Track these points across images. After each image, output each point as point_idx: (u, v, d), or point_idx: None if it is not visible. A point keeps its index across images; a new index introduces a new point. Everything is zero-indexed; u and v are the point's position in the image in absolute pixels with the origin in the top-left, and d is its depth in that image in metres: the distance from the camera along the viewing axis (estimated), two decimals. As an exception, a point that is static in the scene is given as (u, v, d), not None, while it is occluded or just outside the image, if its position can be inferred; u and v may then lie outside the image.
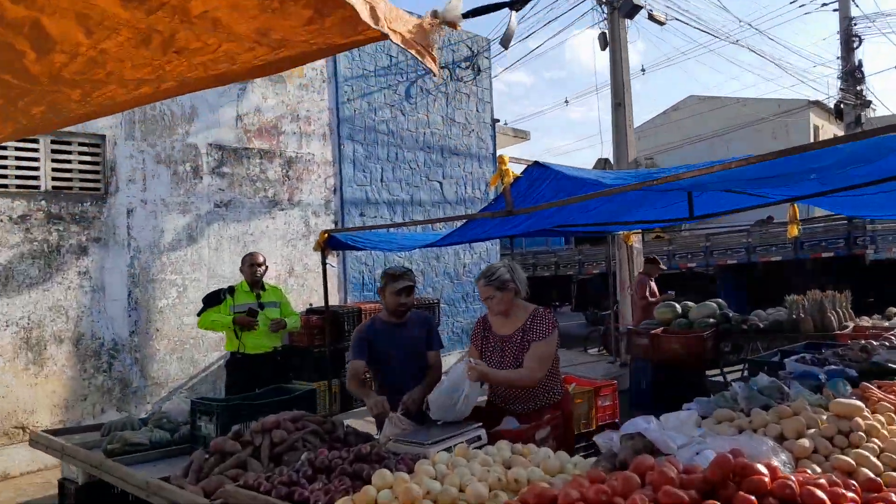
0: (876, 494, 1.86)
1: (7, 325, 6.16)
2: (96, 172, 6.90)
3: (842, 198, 5.40)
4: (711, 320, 7.31)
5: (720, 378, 7.82)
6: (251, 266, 5.76)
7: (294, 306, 8.34)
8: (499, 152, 11.51)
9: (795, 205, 6.83)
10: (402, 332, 4.06)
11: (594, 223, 6.11)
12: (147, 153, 7.20)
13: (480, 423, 3.24)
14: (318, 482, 2.76)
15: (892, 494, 1.84)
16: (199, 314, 5.68)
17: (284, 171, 8.41)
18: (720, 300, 7.78)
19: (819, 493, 1.75)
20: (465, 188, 10.79)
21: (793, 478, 1.87)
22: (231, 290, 5.71)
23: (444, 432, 3.13)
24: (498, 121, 11.85)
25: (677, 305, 7.80)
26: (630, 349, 7.62)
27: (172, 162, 7.39)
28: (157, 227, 7.24)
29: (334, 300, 8.80)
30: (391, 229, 7.45)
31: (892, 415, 2.46)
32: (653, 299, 8.35)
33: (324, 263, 6.48)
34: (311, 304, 8.42)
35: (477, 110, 11.11)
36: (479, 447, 2.98)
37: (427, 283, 10.10)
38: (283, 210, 8.37)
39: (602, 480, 2.18)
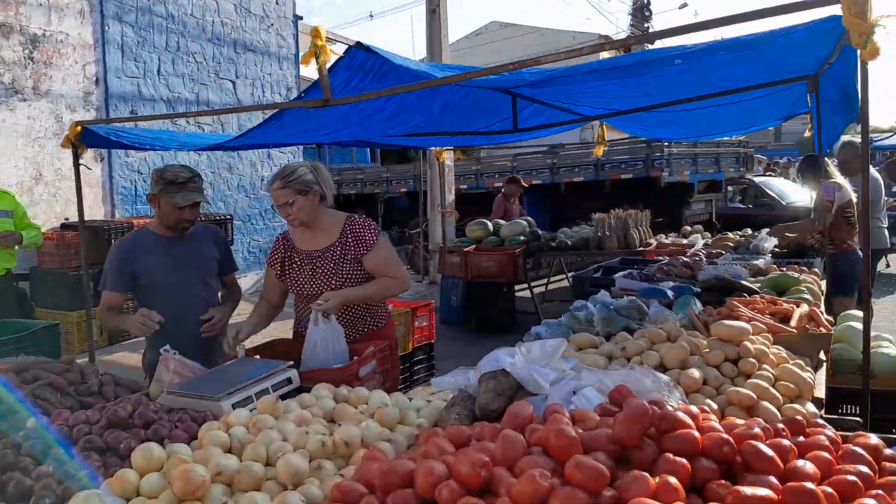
0: (804, 439, 1.49)
1: None
2: None
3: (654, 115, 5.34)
4: (522, 238, 7.17)
5: (526, 294, 7.83)
6: None
7: (44, 220, 6.79)
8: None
9: (604, 124, 6.79)
10: (185, 248, 3.12)
11: (417, 132, 5.47)
12: None
13: (291, 362, 2.52)
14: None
15: (821, 436, 1.48)
16: None
17: (27, 51, 6.61)
18: (529, 218, 7.66)
19: (764, 448, 1.32)
20: (264, 91, 9.54)
21: (720, 428, 1.44)
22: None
23: (241, 376, 2.37)
24: (301, 18, 10.58)
25: (489, 223, 7.56)
26: (442, 267, 7.27)
27: None
28: None
29: (99, 213, 7.33)
30: (171, 127, 6.19)
31: (769, 335, 2.19)
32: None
33: (76, 166, 5.15)
34: (66, 219, 6.90)
35: (276, 2, 9.76)
36: (291, 395, 2.28)
37: (217, 197, 8.86)
38: (25, 101, 6.62)
39: (467, 440, 1.60)
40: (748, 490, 1.21)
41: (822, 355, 2.35)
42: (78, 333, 6.27)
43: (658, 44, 7.90)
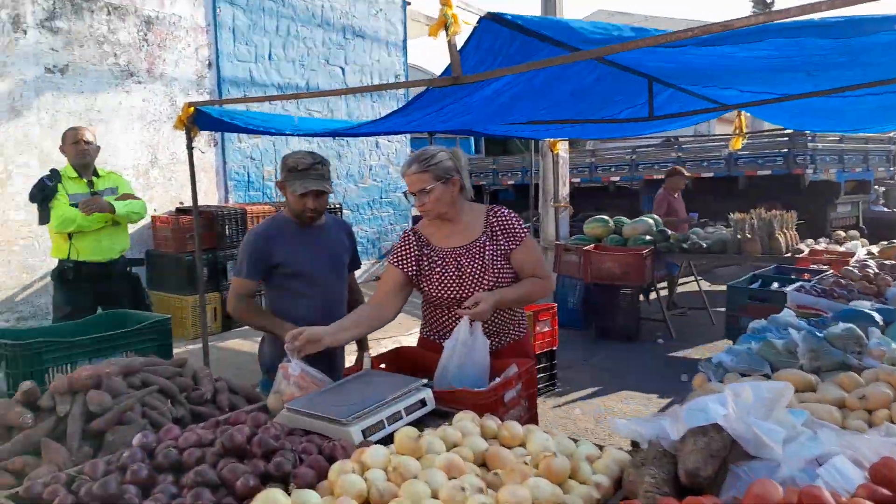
0: None
1: None
2: None
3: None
4: (647, 237, 6.56)
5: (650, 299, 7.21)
6: (75, 143, 4.20)
7: (159, 204, 6.81)
8: (410, 43, 10.05)
9: (742, 113, 6.06)
10: (322, 237, 2.87)
11: (541, 120, 4.99)
12: (-59, -14, 5.24)
13: (424, 380, 2.14)
14: (160, 491, 1.59)
15: None
16: (43, 218, 4.13)
17: (142, 33, 6.61)
18: (654, 216, 7.02)
19: None
20: (372, 78, 9.31)
21: None
22: (55, 174, 4.17)
23: (370, 395, 2.01)
24: (409, 3, 10.29)
25: (610, 220, 6.99)
26: (558, 266, 6.76)
27: (-19, 4, 5.47)
28: (-40, 92, 5.39)
29: (213, 199, 7.31)
30: (286, 110, 6.01)
31: None
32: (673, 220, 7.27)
33: (190, 148, 5.01)
34: (181, 203, 6.90)
35: (385, -14, 9.50)
36: (426, 419, 1.90)
37: (323, 185, 8.72)
38: (140, 83, 6.63)
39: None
40: None
41: None
42: (193, 318, 6.24)
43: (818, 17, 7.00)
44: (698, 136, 12.97)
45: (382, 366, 2.55)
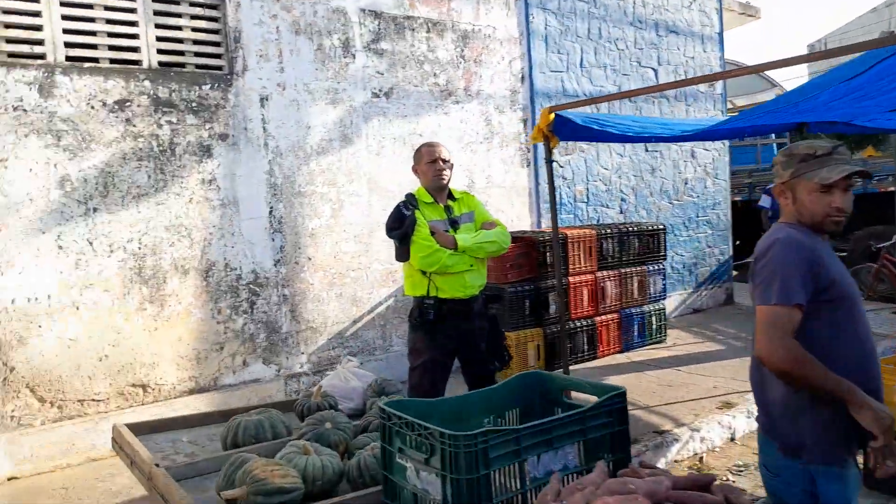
0: None
1: (111, 251, 4.52)
2: (216, 44, 5.01)
3: None
4: None
5: None
6: (432, 162, 3.63)
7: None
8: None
9: None
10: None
11: None
12: (282, 19, 5.22)
13: None
14: None
15: None
16: (402, 254, 3.54)
17: (458, 49, 6.20)
18: None
19: None
20: (686, 77, 8.08)
21: None
22: (412, 200, 3.64)
23: None
24: (722, -11, 8.89)
25: None
26: None
27: (315, 32, 5.39)
28: (300, 122, 5.32)
29: (524, 224, 6.66)
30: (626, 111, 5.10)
31: None
32: None
33: (549, 162, 4.31)
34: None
35: (699, -28, 8.24)
36: None
37: (639, 204, 7.66)
38: (458, 103, 6.20)
39: None
40: None
41: None
42: (518, 356, 5.56)
43: None
44: None
45: None
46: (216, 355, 4.92)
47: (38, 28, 4.29)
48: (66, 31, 4.37)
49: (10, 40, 4.21)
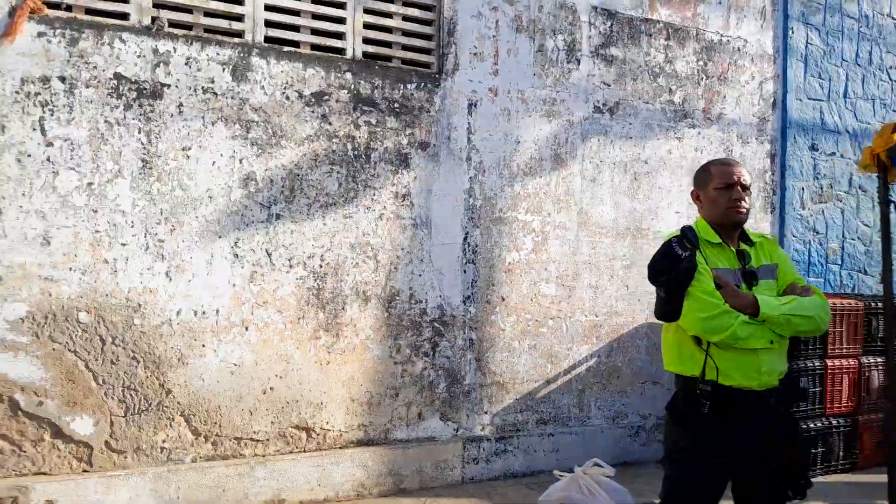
0: None
1: (290, 266, 3.85)
2: (427, 37, 4.29)
3: None
4: None
5: None
6: (726, 188, 2.51)
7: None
8: None
9: None
10: None
11: None
12: (503, 12, 4.42)
13: None
14: None
15: None
16: (667, 310, 2.43)
17: (701, 63, 5.10)
18: None
19: None
20: (977, 119, 6.40)
21: None
22: (692, 235, 2.56)
23: None
24: None
25: None
26: None
27: (538, 31, 4.54)
28: (509, 135, 4.47)
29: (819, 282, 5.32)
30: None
31: None
32: None
33: (884, 203, 3.11)
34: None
35: None
36: None
37: (908, 272, 6.05)
38: (694, 127, 5.09)
39: None
40: None
41: None
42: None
43: None
44: None
45: None
46: (390, 402, 4.10)
47: (240, 1, 3.76)
48: (267, 8, 3.82)
49: (208, 13, 3.71)
